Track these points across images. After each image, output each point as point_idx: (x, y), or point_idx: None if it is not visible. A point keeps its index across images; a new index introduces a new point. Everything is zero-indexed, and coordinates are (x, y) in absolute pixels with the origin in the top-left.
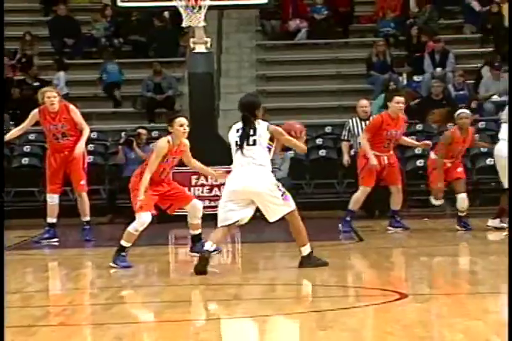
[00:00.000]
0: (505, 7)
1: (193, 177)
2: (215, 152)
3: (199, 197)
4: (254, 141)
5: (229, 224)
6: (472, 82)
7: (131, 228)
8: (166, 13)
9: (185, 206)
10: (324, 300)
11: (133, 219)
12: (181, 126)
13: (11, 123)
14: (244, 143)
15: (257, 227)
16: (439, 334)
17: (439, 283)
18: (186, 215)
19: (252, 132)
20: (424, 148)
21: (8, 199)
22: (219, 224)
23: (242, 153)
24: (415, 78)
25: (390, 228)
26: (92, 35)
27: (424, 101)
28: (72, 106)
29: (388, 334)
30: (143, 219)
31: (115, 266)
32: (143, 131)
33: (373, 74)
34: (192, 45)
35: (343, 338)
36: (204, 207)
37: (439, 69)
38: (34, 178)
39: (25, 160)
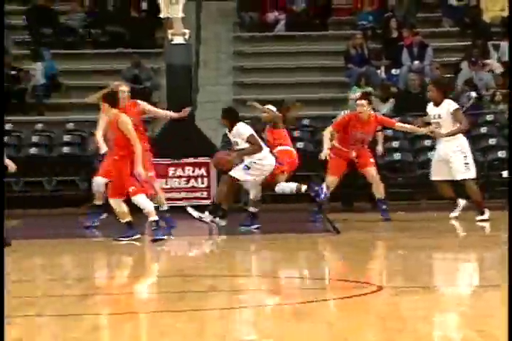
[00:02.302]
0: (484, 1)
1: (170, 169)
2: (193, 143)
3: (176, 189)
4: None
5: None
6: (450, 75)
7: None
8: (144, 4)
9: None
10: (300, 293)
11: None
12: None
13: None
14: None
15: (234, 219)
16: (414, 327)
17: (414, 276)
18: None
19: None
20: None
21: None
22: None
23: None
24: (393, 71)
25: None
26: (69, 25)
27: (402, 94)
28: (140, 104)
29: (363, 326)
30: None
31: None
32: None
33: (351, 67)
34: (170, 37)
35: (318, 330)
36: (181, 199)
37: (416, 63)
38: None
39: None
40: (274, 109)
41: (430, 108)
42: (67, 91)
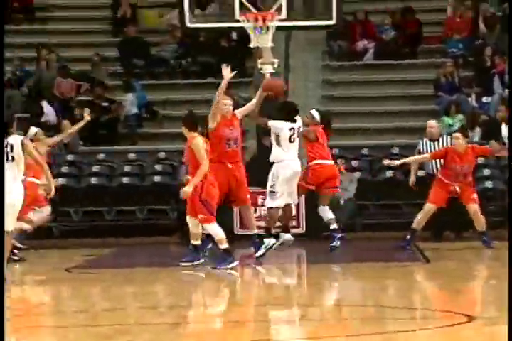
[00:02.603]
0: None
1: (260, 197)
2: None
3: (266, 218)
4: None
5: None
6: None
7: None
8: (234, 34)
9: None
10: (391, 322)
11: None
12: None
13: (81, 143)
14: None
15: (323, 248)
16: None
17: (506, 306)
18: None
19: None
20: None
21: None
22: None
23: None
24: (483, 99)
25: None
26: (161, 57)
27: (493, 122)
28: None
29: None
30: None
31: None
32: None
33: (441, 95)
34: (259, 66)
35: None
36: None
37: (508, 90)
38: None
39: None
40: (317, 115)
41: (503, 128)
42: (158, 121)
